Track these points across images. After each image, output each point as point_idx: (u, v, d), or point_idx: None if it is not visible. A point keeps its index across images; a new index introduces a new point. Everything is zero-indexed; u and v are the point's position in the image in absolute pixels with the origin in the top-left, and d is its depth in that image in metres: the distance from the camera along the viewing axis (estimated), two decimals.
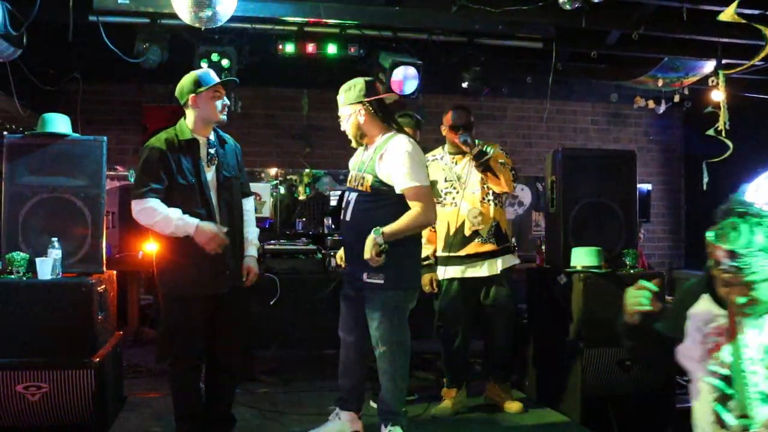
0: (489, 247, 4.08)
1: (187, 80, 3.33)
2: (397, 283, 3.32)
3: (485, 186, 4.07)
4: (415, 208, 3.28)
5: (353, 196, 3.45)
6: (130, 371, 4.78)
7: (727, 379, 1.95)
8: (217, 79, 3.35)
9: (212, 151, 3.36)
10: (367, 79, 3.47)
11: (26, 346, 3.32)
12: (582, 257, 4.16)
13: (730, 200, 1.93)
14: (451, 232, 4.10)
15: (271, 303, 4.49)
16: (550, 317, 4.37)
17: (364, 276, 3.33)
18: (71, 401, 3.35)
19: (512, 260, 4.16)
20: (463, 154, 4.11)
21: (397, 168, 3.28)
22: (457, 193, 4.11)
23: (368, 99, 3.39)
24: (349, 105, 3.42)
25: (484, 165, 3.98)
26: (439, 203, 4.07)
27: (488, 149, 4.06)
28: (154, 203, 3.20)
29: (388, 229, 3.22)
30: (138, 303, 6.06)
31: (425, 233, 4.01)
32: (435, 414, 4.07)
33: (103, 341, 3.63)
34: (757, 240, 1.86)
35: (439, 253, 4.16)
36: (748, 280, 1.87)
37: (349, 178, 3.56)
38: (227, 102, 3.40)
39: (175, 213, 3.20)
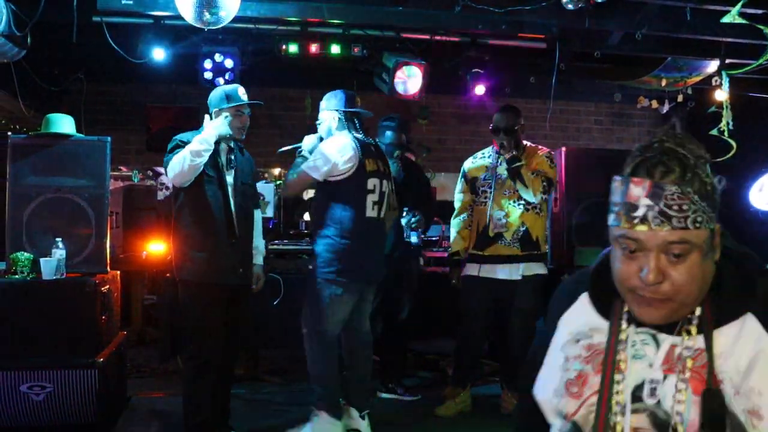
0: (511, 251, 4.02)
1: (216, 94, 3.50)
2: (321, 271, 3.50)
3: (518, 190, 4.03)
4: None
5: None
6: (133, 371, 4.78)
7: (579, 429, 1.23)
8: (243, 99, 3.50)
9: (231, 156, 3.48)
10: (348, 91, 3.69)
11: (30, 346, 3.34)
12: (586, 257, 4.15)
13: (656, 134, 1.19)
14: (479, 230, 4.11)
15: (275, 303, 4.49)
16: None
17: (311, 263, 3.60)
18: (75, 401, 3.36)
19: (537, 268, 4.06)
20: None
21: (316, 151, 3.56)
22: (491, 192, 4.10)
23: (345, 109, 3.62)
24: (328, 111, 3.66)
25: (513, 171, 3.97)
26: (476, 202, 4.15)
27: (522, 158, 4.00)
28: (174, 157, 3.24)
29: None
30: (142, 303, 6.06)
31: (462, 231, 4.14)
32: (438, 414, 4.08)
33: (107, 341, 3.64)
34: (693, 182, 1.13)
35: (470, 250, 4.16)
36: (674, 240, 1.11)
37: None
38: (248, 122, 3.54)
39: (188, 148, 3.24)
